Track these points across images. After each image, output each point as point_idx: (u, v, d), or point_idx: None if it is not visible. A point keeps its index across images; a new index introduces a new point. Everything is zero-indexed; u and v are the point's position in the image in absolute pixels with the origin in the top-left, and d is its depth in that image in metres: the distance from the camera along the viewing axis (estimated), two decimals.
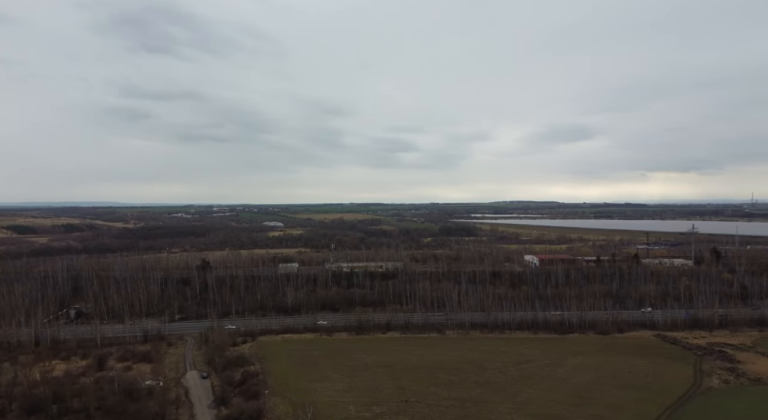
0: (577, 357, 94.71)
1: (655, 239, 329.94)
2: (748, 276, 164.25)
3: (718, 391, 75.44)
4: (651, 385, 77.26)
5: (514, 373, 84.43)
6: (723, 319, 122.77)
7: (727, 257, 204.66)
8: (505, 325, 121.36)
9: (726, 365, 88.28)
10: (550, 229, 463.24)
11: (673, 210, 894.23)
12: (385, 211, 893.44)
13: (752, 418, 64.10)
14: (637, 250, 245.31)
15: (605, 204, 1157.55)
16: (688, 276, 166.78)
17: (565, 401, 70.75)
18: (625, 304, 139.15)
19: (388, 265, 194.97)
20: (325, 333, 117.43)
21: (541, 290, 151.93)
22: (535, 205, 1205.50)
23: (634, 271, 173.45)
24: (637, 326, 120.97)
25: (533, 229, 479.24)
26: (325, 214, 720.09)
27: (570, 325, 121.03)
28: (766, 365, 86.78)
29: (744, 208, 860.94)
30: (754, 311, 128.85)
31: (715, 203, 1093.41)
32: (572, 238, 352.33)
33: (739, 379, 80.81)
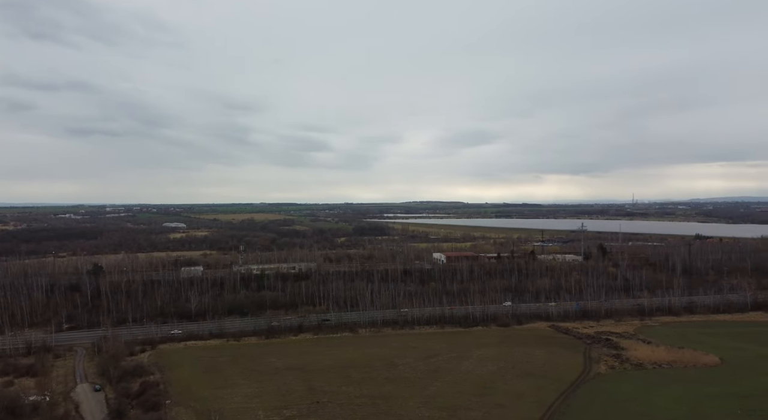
0: (480, 349, 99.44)
1: (550, 237, 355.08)
2: (630, 270, 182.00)
3: (605, 376, 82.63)
4: (547, 373, 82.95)
5: (423, 368, 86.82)
6: (609, 309, 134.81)
7: (612, 253, 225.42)
8: (415, 321, 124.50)
9: (612, 352, 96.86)
10: (456, 228, 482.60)
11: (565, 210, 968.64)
12: (298, 211, 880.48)
13: (635, 399, 70.91)
14: (534, 247, 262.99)
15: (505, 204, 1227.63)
16: (578, 270, 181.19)
17: (469, 392, 73.94)
18: (523, 297, 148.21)
19: (301, 266, 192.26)
20: (232, 338, 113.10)
21: (448, 286, 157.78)
22: (442, 205, 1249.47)
23: (531, 267, 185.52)
24: (534, 318, 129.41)
25: (441, 228, 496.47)
26: (233, 215, 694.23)
27: (474, 318, 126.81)
28: (647, 351, 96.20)
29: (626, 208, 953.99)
30: (634, 301, 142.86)
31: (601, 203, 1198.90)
32: (476, 237, 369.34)
33: (623, 364, 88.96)
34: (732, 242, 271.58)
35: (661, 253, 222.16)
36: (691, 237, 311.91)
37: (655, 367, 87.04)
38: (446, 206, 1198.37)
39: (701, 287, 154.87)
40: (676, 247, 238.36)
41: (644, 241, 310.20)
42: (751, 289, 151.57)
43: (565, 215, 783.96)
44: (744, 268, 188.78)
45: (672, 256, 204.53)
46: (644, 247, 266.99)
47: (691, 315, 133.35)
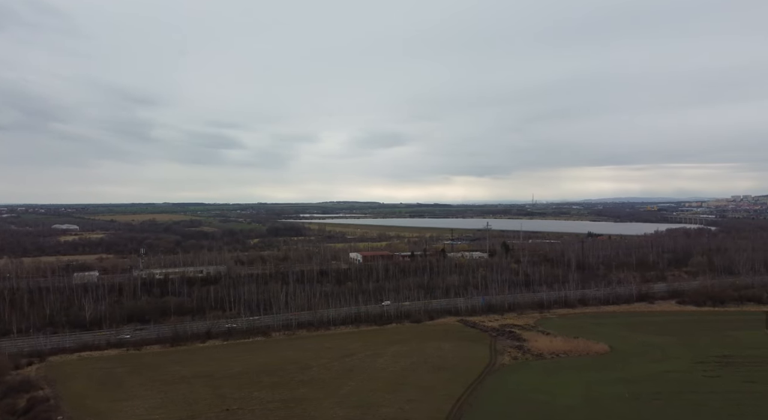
0: (394, 346, 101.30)
1: (459, 235, 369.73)
2: (530, 265, 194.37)
3: (509, 366, 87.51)
4: (456, 366, 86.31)
5: (338, 368, 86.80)
6: (512, 303, 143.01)
7: (514, 250, 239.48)
8: (331, 322, 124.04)
9: (515, 344, 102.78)
10: (372, 228, 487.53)
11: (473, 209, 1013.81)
12: (206, 212, 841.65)
13: (536, 387, 75.74)
14: (444, 246, 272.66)
15: (418, 204, 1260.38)
16: (484, 267, 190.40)
17: (383, 389, 75.08)
18: (435, 293, 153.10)
19: (209, 270, 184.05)
20: (132, 347, 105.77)
21: (364, 285, 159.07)
22: (359, 205, 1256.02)
23: (441, 264, 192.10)
24: (445, 313, 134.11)
25: (358, 227, 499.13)
26: (133, 215, 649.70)
27: (389, 316, 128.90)
28: (546, 342, 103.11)
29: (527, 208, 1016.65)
30: (535, 295, 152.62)
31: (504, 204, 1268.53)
32: (391, 236, 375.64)
33: (525, 355, 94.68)
34: (619, 239, 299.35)
35: (557, 249, 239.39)
36: (584, 235, 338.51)
37: (553, 356, 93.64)
38: (363, 206, 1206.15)
39: (593, 281, 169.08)
40: (570, 244, 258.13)
41: (543, 239, 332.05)
42: (636, 282, 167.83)
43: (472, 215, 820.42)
44: (630, 263, 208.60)
45: (567, 252, 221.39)
46: (543, 244, 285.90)
47: (585, 307, 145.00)
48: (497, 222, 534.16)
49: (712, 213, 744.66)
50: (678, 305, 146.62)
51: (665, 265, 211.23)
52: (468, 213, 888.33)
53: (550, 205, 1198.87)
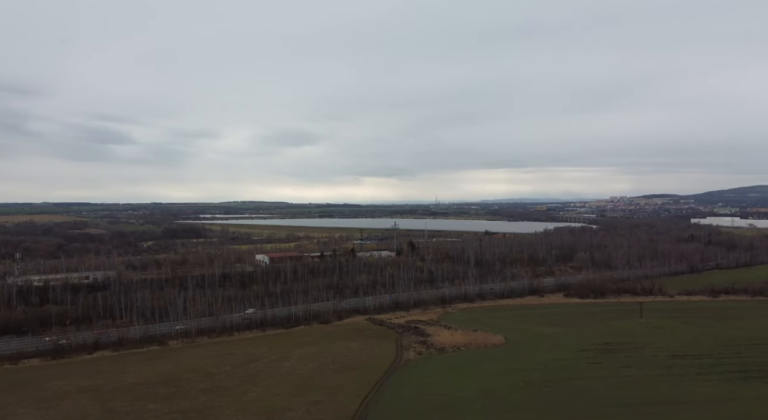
0: (302, 348, 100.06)
1: (368, 235, 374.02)
2: (434, 263, 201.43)
3: (414, 362, 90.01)
4: (364, 365, 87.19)
5: (242, 374, 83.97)
6: (417, 300, 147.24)
7: (420, 248, 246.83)
8: (235, 327, 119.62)
9: (419, 339, 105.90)
10: (280, 228, 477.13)
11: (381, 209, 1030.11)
12: (93, 212, 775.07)
13: (438, 381, 78.58)
14: (354, 245, 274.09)
15: (328, 204, 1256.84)
16: (392, 265, 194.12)
17: (289, 392, 73.85)
18: (344, 293, 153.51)
19: (97, 275, 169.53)
20: (8, 361, 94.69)
21: (271, 288, 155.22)
22: (266, 205, 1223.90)
23: (351, 264, 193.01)
24: (353, 312, 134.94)
25: (264, 228, 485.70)
26: (6, 216, 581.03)
27: (297, 318, 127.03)
28: (448, 336, 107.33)
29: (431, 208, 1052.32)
30: (438, 291, 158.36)
31: (410, 204, 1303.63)
32: (300, 236, 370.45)
33: (428, 349, 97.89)
34: (513, 237, 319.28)
35: (458, 247, 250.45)
36: (482, 233, 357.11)
37: (455, 349, 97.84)
38: (270, 206, 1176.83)
39: (490, 276, 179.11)
40: (470, 242, 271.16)
41: (445, 238, 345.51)
42: (528, 276, 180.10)
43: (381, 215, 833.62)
44: (522, 259, 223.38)
45: (467, 250, 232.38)
46: (445, 242, 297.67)
47: (483, 301, 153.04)
48: (404, 221, 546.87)
49: (593, 213, 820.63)
50: (565, 298, 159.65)
51: (553, 261, 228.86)
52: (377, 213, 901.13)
53: (452, 206, 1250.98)
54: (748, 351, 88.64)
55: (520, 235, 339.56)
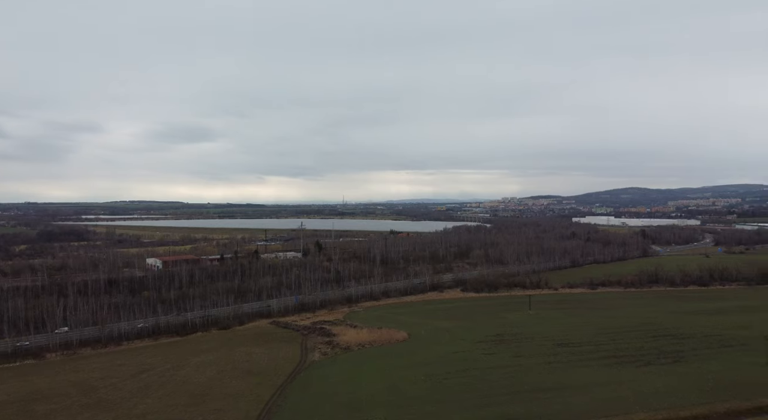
0: (199, 356, 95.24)
1: (272, 235, 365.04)
2: (341, 263, 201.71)
3: (319, 363, 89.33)
4: (267, 369, 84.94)
5: (131, 386, 78.10)
6: (323, 300, 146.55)
7: (327, 248, 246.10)
8: (123, 336, 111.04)
9: (325, 340, 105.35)
10: (174, 230, 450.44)
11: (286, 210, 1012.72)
12: None
13: (344, 380, 78.62)
14: (257, 247, 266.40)
15: (229, 204, 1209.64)
16: (298, 266, 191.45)
17: (185, 402, 69.97)
18: (246, 297, 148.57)
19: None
20: None
21: (165, 294, 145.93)
22: (158, 205, 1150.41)
23: (254, 266, 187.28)
24: (257, 316, 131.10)
25: (157, 230, 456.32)
26: None
27: (193, 325, 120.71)
28: (354, 335, 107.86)
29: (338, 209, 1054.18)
30: (344, 291, 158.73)
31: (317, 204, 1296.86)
32: (197, 238, 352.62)
33: (334, 349, 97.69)
34: (416, 236, 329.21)
35: (365, 247, 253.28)
36: (387, 233, 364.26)
37: (360, 347, 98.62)
38: (163, 206, 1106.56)
39: (395, 274, 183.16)
40: (376, 242, 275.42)
41: (352, 237, 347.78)
42: (429, 273, 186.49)
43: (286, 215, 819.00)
44: (424, 257, 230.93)
45: (373, 249, 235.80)
46: (352, 242, 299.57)
47: (388, 298, 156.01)
48: (311, 222, 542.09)
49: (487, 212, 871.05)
50: (462, 292, 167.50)
51: (452, 258, 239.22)
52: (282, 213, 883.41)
53: (359, 206, 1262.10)
54: (622, 338, 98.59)
55: (423, 234, 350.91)
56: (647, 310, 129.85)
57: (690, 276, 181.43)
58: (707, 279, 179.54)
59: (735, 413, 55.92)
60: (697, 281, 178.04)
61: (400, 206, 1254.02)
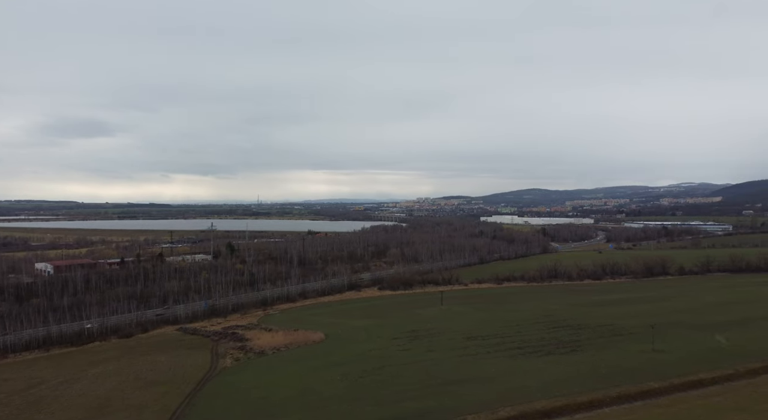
0: (98, 366, 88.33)
1: (179, 237, 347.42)
2: (256, 265, 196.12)
3: (231, 368, 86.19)
4: (173, 378, 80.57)
5: (20, 402, 70.81)
6: (236, 304, 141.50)
7: (240, 250, 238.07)
8: (9, 348, 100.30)
9: (237, 345, 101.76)
10: (68, 232, 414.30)
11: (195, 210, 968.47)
12: None
13: (257, 386, 76.52)
14: (162, 249, 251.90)
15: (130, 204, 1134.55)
16: (207, 269, 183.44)
17: (82, 417, 64.68)
18: (150, 303, 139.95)
19: None
20: None
21: (57, 301, 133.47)
22: (49, 205, 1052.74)
23: (159, 270, 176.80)
24: (162, 323, 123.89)
25: (47, 232, 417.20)
26: None
27: (90, 334, 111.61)
28: (268, 338, 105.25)
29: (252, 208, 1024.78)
30: (259, 293, 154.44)
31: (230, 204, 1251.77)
32: (94, 241, 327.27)
33: (247, 354, 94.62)
34: (334, 236, 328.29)
35: (281, 247, 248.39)
36: (305, 233, 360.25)
37: (275, 351, 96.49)
38: (54, 206, 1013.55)
39: (312, 275, 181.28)
40: (293, 242, 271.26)
41: (268, 238, 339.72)
42: (347, 273, 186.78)
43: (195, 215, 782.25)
44: (343, 256, 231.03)
45: (290, 249, 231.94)
46: (268, 243, 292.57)
47: (305, 300, 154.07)
48: (222, 222, 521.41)
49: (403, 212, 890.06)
50: (379, 291, 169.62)
51: (370, 257, 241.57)
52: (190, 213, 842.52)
53: (275, 206, 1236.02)
54: (526, 330, 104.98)
55: (341, 233, 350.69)
56: (548, 303, 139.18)
57: (585, 271, 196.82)
58: (600, 273, 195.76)
59: (626, 397, 61.49)
60: (592, 275, 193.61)
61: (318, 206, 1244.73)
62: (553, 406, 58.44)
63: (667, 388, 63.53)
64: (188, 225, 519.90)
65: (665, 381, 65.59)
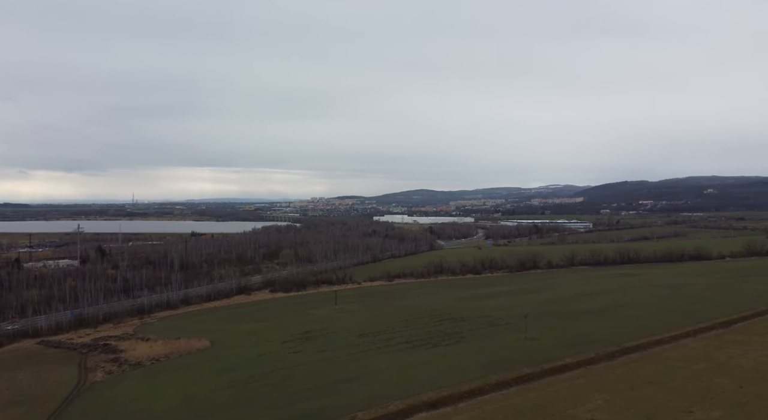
0: None
1: (40, 241, 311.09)
2: (131, 270, 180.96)
3: (103, 382, 78.80)
4: (34, 397, 71.84)
5: None
6: (108, 313, 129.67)
7: (112, 254, 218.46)
8: None
9: (110, 357, 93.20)
10: None
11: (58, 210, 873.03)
12: None
13: (134, 399, 70.70)
14: (19, 254, 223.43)
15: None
16: (73, 276, 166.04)
17: None
18: (5, 314, 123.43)
19: None
20: None
21: None
22: None
23: (15, 278, 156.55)
24: (19, 337, 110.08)
25: None
26: None
27: None
28: (146, 348, 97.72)
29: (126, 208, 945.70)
30: (135, 301, 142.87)
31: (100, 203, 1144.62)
32: None
33: (121, 366, 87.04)
34: (222, 237, 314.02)
35: (160, 251, 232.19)
36: (188, 234, 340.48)
37: (153, 362, 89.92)
38: None
39: (196, 280, 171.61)
40: (174, 245, 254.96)
41: (145, 241, 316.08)
42: (236, 276, 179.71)
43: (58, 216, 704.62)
44: (231, 259, 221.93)
45: (170, 252, 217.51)
46: (145, 246, 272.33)
47: (188, 306, 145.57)
48: (91, 224, 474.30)
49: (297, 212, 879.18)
50: (271, 293, 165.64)
51: (261, 259, 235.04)
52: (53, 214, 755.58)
53: (153, 205, 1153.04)
54: (414, 324, 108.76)
55: (229, 235, 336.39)
56: (434, 298, 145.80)
57: (467, 266, 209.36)
58: (480, 268, 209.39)
59: (504, 383, 66.22)
60: (473, 270, 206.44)
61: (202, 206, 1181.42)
62: (439, 397, 61.24)
63: (538, 373, 69.39)
64: (51, 227, 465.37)
65: (537, 367, 71.63)
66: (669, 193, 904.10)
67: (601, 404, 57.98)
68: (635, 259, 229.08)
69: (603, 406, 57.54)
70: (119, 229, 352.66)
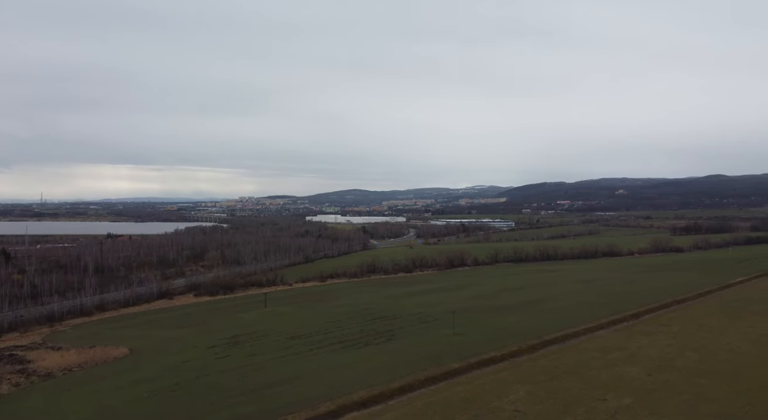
0: None
1: None
2: (39, 274, 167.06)
3: (9, 396, 72.19)
4: None
5: None
6: (13, 321, 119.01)
7: (18, 258, 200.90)
8: None
9: (16, 368, 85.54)
10: None
11: None
12: None
13: (43, 412, 65.32)
14: None
15: None
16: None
17: None
18: None
19: None
20: None
21: None
22: None
23: None
24: None
25: None
26: None
27: None
28: (56, 358, 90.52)
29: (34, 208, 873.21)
30: (44, 308, 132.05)
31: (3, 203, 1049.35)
32: None
33: (30, 378, 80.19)
34: (141, 239, 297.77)
35: (73, 253, 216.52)
36: (104, 236, 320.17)
37: (66, 372, 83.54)
38: None
39: (113, 284, 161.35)
40: (88, 247, 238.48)
41: (55, 243, 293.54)
42: (157, 280, 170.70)
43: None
44: (152, 262, 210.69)
45: (84, 256, 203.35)
46: (55, 248, 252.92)
47: (104, 312, 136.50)
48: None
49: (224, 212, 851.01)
50: (195, 297, 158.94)
51: (184, 262, 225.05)
52: None
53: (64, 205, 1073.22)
54: (347, 323, 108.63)
55: (149, 236, 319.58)
56: (367, 297, 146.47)
57: (399, 265, 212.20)
58: (411, 267, 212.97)
59: (432, 379, 67.73)
60: (404, 269, 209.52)
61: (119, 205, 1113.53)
62: (370, 395, 61.56)
63: (465, 368, 71.60)
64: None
65: (464, 361, 73.88)
66: (584, 194, 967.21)
67: (523, 395, 60.82)
68: (554, 256, 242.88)
69: (525, 397, 60.39)
70: (26, 230, 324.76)
